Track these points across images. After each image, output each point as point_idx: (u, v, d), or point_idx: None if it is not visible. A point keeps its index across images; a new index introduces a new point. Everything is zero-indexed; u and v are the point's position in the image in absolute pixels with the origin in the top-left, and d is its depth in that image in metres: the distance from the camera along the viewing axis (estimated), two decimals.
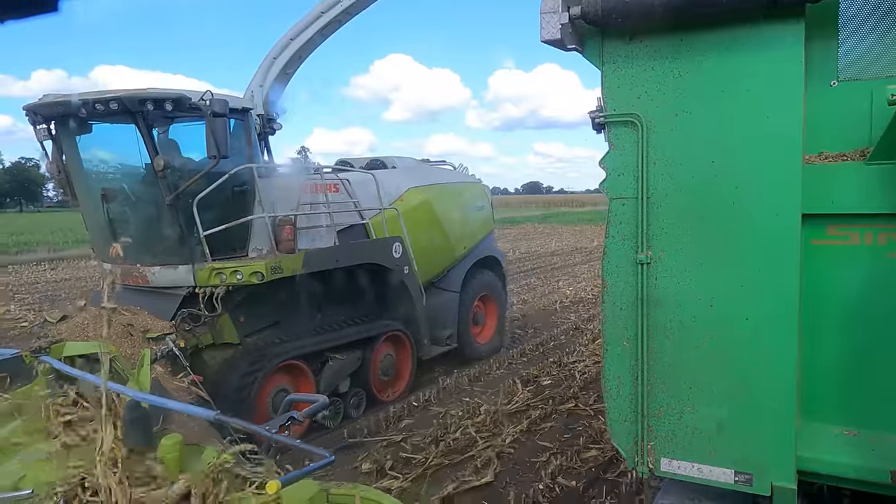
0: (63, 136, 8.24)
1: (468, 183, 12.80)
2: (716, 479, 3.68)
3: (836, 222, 3.56)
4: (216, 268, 7.85)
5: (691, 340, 3.69)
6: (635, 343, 3.79)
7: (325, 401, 3.25)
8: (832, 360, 3.65)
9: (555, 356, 11.79)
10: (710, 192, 3.60)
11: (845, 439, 3.59)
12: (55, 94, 7.97)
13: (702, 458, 3.71)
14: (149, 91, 7.54)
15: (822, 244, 3.59)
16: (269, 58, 9.59)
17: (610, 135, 3.79)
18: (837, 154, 3.58)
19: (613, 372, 3.90)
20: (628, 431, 3.88)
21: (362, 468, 7.45)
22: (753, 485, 3.60)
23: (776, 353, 3.53)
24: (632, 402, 3.84)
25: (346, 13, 9.41)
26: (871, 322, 3.54)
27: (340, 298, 9.64)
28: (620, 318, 3.84)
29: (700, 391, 3.70)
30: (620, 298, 3.83)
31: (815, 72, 3.57)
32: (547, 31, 3.70)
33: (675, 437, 3.77)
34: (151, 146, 7.78)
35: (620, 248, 3.81)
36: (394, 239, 10.05)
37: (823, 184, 3.48)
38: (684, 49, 3.61)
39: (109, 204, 8.33)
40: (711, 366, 3.67)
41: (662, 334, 3.75)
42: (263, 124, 9.52)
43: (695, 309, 3.68)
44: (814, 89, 3.56)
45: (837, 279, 3.60)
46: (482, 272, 12.40)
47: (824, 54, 3.60)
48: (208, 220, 7.93)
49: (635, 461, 3.87)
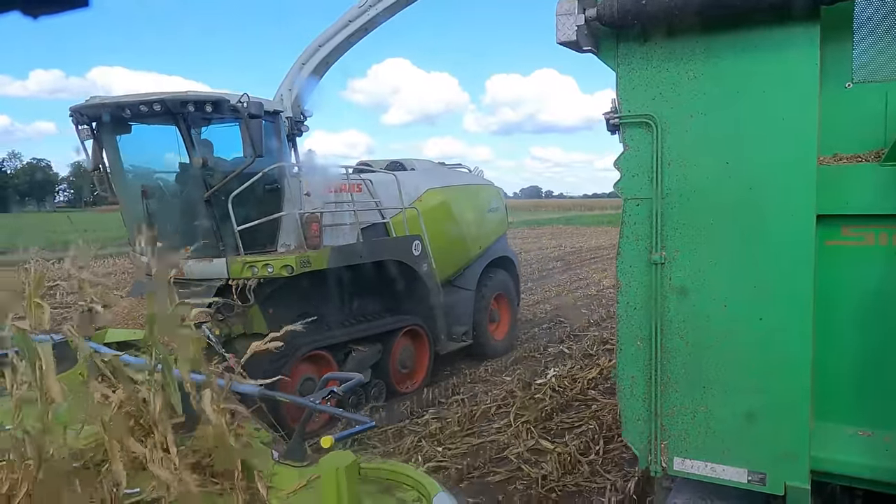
0: (105, 135, 8.28)
1: (483, 185, 12.61)
2: (729, 479, 3.47)
3: (850, 223, 3.35)
4: (248, 261, 7.86)
5: (705, 340, 3.49)
6: (649, 343, 3.59)
7: (360, 378, 3.35)
8: (846, 360, 3.43)
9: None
10: (725, 192, 3.41)
11: (859, 439, 3.37)
12: (101, 97, 8.07)
13: (715, 457, 3.50)
14: (189, 94, 7.62)
15: (836, 245, 3.37)
16: (298, 63, 9.53)
17: (624, 136, 3.60)
18: (852, 155, 3.38)
19: (627, 371, 3.70)
20: (641, 430, 3.67)
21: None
22: (767, 484, 3.39)
23: (790, 353, 3.33)
24: (645, 401, 3.64)
25: (372, 22, 9.31)
26: (885, 322, 3.32)
27: (363, 293, 9.61)
28: (634, 317, 3.64)
29: (713, 391, 3.49)
30: (634, 298, 3.64)
31: (829, 73, 3.36)
32: (563, 32, 3.52)
33: (688, 437, 3.56)
34: (191, 145, 7.86)
35: (635, 249, 3.62)
36: (414, 237, 9.95)
37: (838, 185, 3.27)
38: (699, 51, 3.41)
39: (148, 200, 8.37)
40: (725, 366, 3.46)
41: (676, 334, 3.55)
42: (292, 126, 9.48)
43: (709, 309, 3.47)
44: (829, 91, 3.36)
45: (852, 280, 3.38)
46: (497, 272, 12.21)
47: (839, 56, 3.40)
48: (242, 216, 7.95)
49: (648, 460, 3.66)
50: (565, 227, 54.37)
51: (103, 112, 7.89)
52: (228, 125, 8.03)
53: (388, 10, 9.20)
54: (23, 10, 1.22)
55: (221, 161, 8.38)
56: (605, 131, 3.70)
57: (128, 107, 7.59)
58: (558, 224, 58.32)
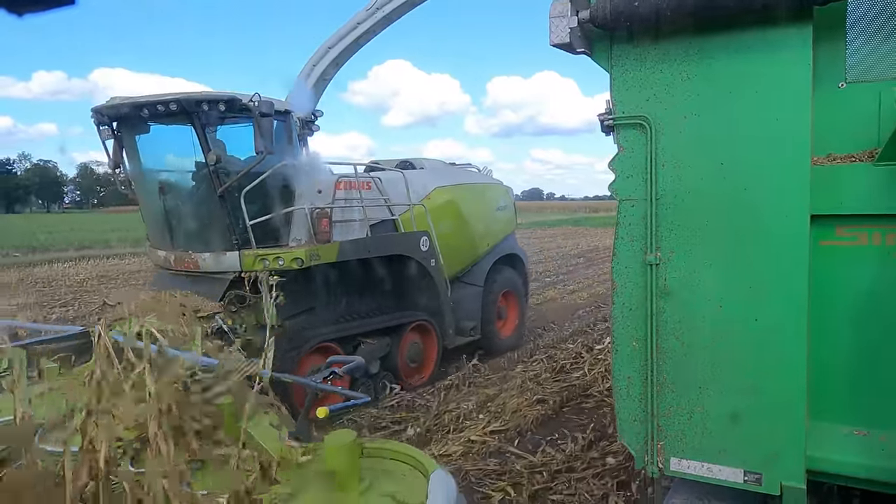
0: (125, 135, 8.49)
1: (491, 184, 12.54)
2: (725, 479, 3.41)
3: (844, 223, 3.27)
4: (260, 254, 7.99)
5: (700, 341, 3.42)
6: (645, 343, 3.52)
7: (360, 361, 3.52)
8: (841, 360, 3.35)
9: None
10: (719, 193, 3.33)
11: (855, 439, 3.30)
12: (121, 97, 8.26)
13: (711, 457, 3.43)
14: (203, 93, 7.82)
15: (830, 245, 3.29)
16: (309, 64, 9.64)
17: (619, 137, 3.53)
18: (846, 155, 3.29)
19: (623, 372, 3.63)
20: (638, 431, 3.61)
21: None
22: (763, 484, 3.33)
23: (785, 353, 3.25)
24: (641, 401, 3.57)
25: (380, 24, 9.37)
26: (879, 322, 3.24)
27: (371, 288, 9.65)
28: (630, 318, 3.58)
29: (709, 391, 3.42)
30: (630, 299, 3.57)
31: (823, 73, 3.28)
32: (556, 35, 3.45)
33: (684, 437, 3.49)
34: (205, 143, 7.98)
35: (630, 249, 3.55)
36: (421, 233, 9.94)
37: (832, 185, 3.19)
38: (693, 52, 3.34)
39: (165, 196, 8.66)
40: (721, 366, 3.39)
41: (672, 335, 3.48)
42: (303, 126, 9.64)
43: (703, 310, 3.40)
44: (822, 91, 3.28)
45: (846, 280, 3.30)
46: (505, 269, 12.15)
47: (832, 56, 3.31)
48: (253, 211, 8.07)
49: (645, 461, 3.60)
50: (575, 227, 54.42)
51: (122, 112, 8.07)
52: (243, 125, 8.16)
53: (395, 12, 9.24)
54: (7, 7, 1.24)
55: (235, 159, 8.53)
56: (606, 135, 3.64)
57: (145, 106, 7.73)
58: (567, 225, 58.41)
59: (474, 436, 7.41)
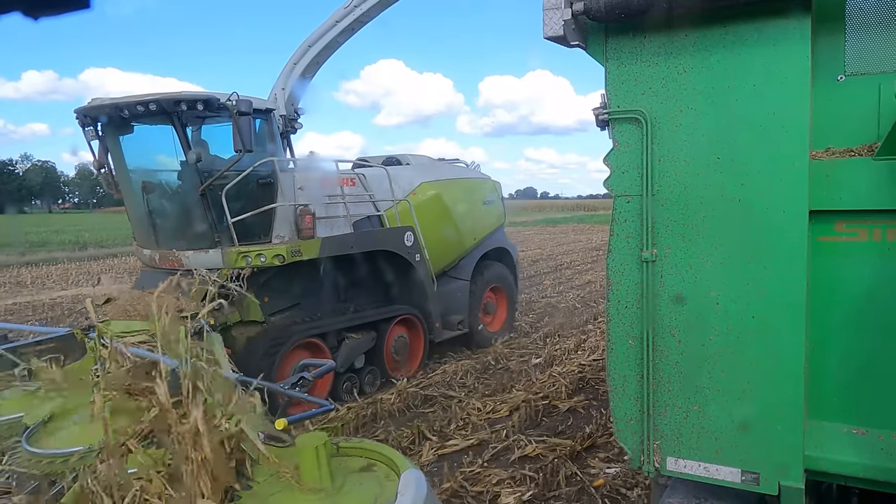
0: (108, 135, 8.47)
1: (478, 179, 12.33)
2: (722, 479, 3.25)
3: (843, 218, 3.11)
4: (242, 251, 7.94)
5: (697, 339, 3.26)
6: (640, 341, 3.35)
7: (331, 364, 3.56)
8: (840, 357, 3.20)
9: None
10: (716, 188, 3.17)
11: (854, 438, 3.15)
12: (102, 98, 8.22)
13: (708, 457, 3.28)
14: (182, 93, 7.78)
15: (829, 241, 3.14)
16: (291, 63, 9.57)
17: (614, 132, 3.36)
18: (844, 149, 3.13)
19: (619, 370, 3.46)
20: (634, 430, 3.44)
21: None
22: (760, 484, 3.17)
23: (783, 351, 3.10)
24: (637, 400, 3.41)
25: (358, 21, 9.34)
26: (879, 319, 3.09)
27: (357, 283, 9.57)
28: (626, 316, 3.41)
29: (706, 390, 3.26)
30: (626, 296, 3.40)
31: (821, 66, 3.12)
32: (550, 27, 3.26)
33: (680, 436, 3.33)
34: (185, 142, 7.99)
35: (625, 246, 3.38)
36: (405, 228, 9.80)
37: (831, 180, 3.04)
38: (689, 45, 3.17)
39: (149, 195, 8.63)
40: (717, 364, 3.23)
41: (668, 332, 3.32)
42: (286, 124, 9.56)
43: (701, 307, 3.24)
44: (820, 84, 3.12)
45: (845, 276, 3.14)
46: (493, 264, 11.99)
47: (831, 49, 3.15)
48: (235, 209, 8.03)
49: (641, 460, 3.44)
50: (580, 224, 54.74)
51: (103, 112, 8.01)
52: (226, 125, 8.05)
53: (373, 9, 9.20)
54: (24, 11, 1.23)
55: (217, 158, 8.45)
56: (600, 133, 3.45)
57: (126, 107, 7.67)
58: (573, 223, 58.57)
59: None
